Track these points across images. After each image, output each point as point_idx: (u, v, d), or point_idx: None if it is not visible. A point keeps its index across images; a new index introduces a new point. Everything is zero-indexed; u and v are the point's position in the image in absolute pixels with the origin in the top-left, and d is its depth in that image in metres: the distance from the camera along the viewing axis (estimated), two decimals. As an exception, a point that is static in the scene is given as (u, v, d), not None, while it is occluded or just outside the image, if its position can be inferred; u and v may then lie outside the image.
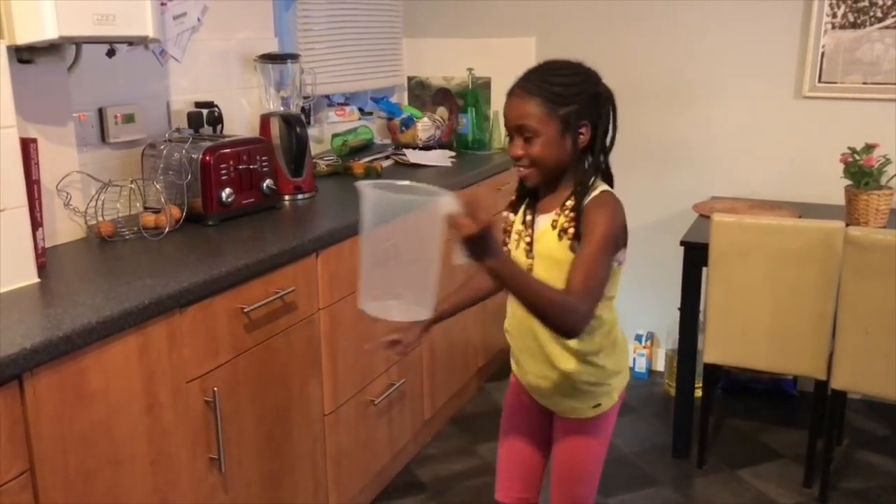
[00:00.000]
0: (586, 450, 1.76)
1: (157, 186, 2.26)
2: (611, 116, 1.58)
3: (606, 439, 1.78)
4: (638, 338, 3.67)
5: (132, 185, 2.22)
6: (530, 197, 1.66)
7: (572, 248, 1.54)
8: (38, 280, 1.76)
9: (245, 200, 2.36)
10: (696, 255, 2.80)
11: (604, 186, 1.59)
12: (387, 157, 3.38)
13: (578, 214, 1.54)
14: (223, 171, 2.28)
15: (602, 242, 1.50)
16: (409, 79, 3.96)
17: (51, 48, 1.95)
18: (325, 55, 3.31)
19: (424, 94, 3.91)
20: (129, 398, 1.63)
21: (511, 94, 1.56)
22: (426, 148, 3.51)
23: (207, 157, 2.26)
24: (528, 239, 1.63)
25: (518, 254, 1.64)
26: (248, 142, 2.44)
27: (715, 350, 2.77)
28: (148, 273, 1.82)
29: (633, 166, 3.59)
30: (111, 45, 2.04)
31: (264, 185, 2.43)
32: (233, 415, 1.92)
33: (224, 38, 2.74)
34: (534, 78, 1.54)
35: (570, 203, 1.56)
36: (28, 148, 1.80)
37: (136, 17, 1.93)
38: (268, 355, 2.03)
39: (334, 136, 3.34)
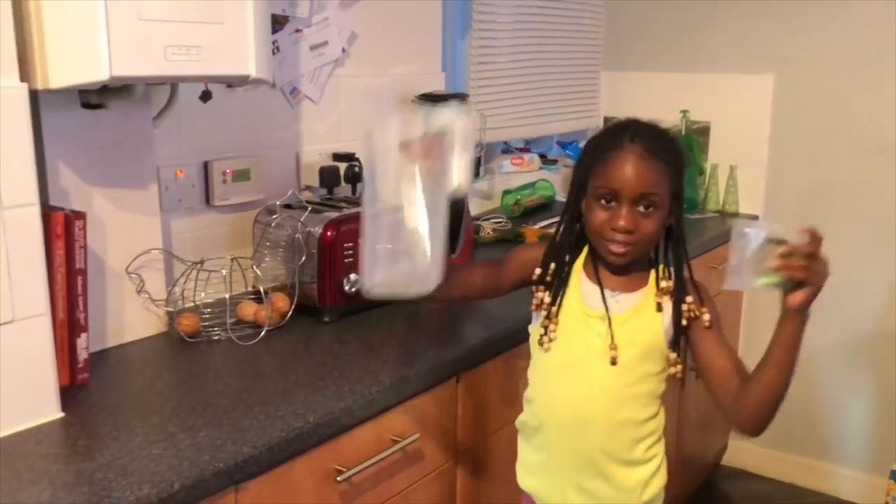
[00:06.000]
0: None
1: (257, 270, 1.74)
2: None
3: None
4: (894, 475, 2.74)
5: (230, 265, 1.71)
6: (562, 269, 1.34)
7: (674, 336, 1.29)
8: (60, 415, 1.27)
9: (375, 289, 1.80)
10: None
11: None
12: (570, 221, 2.71)
13: (678, 294, 1.30)
14: (349, 252, 1.73)
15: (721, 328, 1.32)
16: (606, 120, 3.27)
17: (128, 87, 1.48)
18: (504, 93, 2.71)
19: (623, 139, 3.21)
20: None
21: (631, 153, 1.25)
22: (621, 208, 2.83)
23: (329, 233, 1.71)
24: (604, 324, 1.29)
25: (589, 341, 1.29)
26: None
27: None
28: (219, 413, 1.28)
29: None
30: (206, 87, 1.53)
31: (403, 267, 1.85)
32: None
33: (376, 73, 2.20)
34: (659, 141, 1.28)
35: (665, 284, 1.30)
36: (71, 227, 1.32)
37: (232, 49, 1.40)
38: (375, 529, 1.44)
39: (505, 192, 2.73)
